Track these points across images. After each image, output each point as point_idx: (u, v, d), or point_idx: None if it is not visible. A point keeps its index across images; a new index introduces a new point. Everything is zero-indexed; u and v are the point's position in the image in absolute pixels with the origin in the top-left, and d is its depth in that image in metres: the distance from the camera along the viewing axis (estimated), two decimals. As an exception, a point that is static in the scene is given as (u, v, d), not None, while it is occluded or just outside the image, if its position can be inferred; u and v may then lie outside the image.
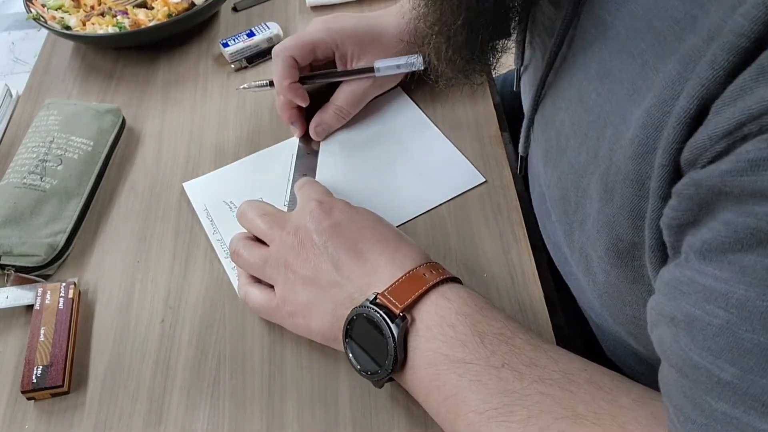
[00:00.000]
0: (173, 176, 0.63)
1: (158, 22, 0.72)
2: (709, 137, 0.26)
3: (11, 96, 0.72)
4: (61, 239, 0.56)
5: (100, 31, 0.72)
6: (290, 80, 0.60)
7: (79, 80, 0.74)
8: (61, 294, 0.52)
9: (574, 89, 0.39)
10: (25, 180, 0.58)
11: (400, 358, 0.42)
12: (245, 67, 0.72)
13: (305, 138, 0.63)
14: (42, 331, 0.50)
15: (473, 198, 0.57)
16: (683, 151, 0.28)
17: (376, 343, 0.42)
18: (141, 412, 0.47)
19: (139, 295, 0.54)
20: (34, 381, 0.48)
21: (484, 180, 0.58)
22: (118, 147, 0.66)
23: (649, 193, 0.31)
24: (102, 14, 0.75)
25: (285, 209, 0.58)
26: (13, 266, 0.54)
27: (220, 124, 0.67)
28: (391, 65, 0.60)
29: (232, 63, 0.72)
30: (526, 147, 0.51)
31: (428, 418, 0.45)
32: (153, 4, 0.75)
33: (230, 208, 0.59)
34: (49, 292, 0.52)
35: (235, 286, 0.53)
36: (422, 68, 0.60)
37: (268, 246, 0.49)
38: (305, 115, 0.63)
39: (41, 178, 0.58)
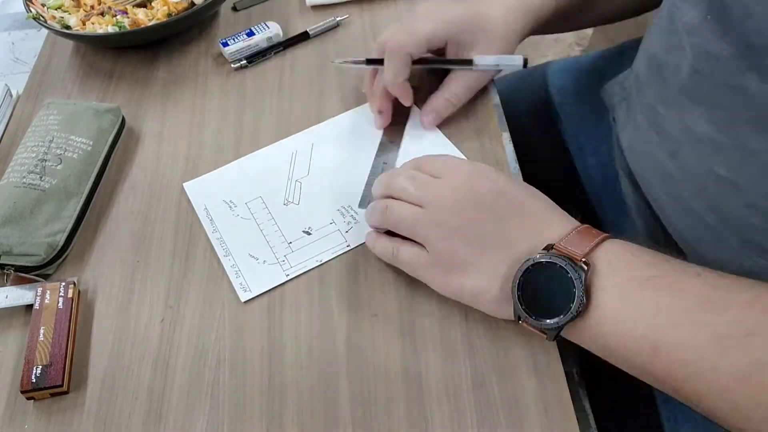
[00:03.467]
0: (173, 176, 0.62)
1: (158, 22, 0.72)
2: None
3: (11, 96, 0.72)
4: (61, 239, 0.56)
5: (100, 31, 0.72)
6: (403, 77, 0.60)
7: (79, 80, 0.74)
8: (61, 293, 0.52)
9: None
10: (24, 179, 0.58)
11: (584, 302, 0.41)
12: (245, 67, 0.72)
13: (389, 129, 0.64)
14: (41, 331, 0.50)
15: (473, 198, 0.57)
16: None
17: (555, 292, 0.42)
18: (141, 412, 0.47)
19: (139, 295, 0.54)
20: (34, 381, 0.48)
21: None
22: (118, 147, 0.65)
23: None
24: (102, 14, 0.75)
25: (285, 208, 0.58)
26: (12, 266, 0.54)
27: (219, 123, 0.67)
28: (490, 63, 0.61)
29: (231, 62, 0.72)
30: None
31: (428, 418, 0.45)
32: (153, 4, 0.75)
33: (230, 207, 0.59)
34: (48, 291, 0.52)
35: (235, 285, 0.53)
36: (522, 68, 0.61)
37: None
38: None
39: (41, 178, 0.58)
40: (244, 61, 0.72)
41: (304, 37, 0.74)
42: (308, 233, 0.56)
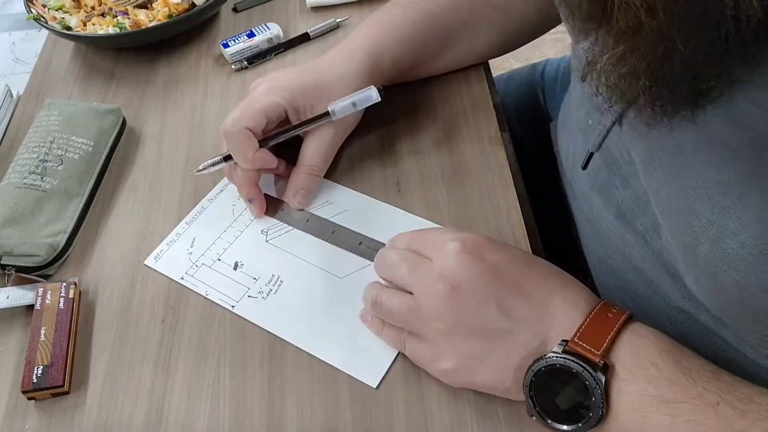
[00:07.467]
0: (173, 176, 0.63)
1: (158, 23, 0.72)
2: None
3: (12, 96, 0.72)
4: (62, 239, 0.56)
5: (101, 32, 0.72)
6: (253, 150, 0.55)
7: (80, 80, 0.74)
8: (62, 294, 0.52)
9: None
10: (25, 180, 0.58)
11: (605, 410, 0.39)
12: (245, 68, 0.72)
13: (271, 211, 0.58)
14: (42, 331, 0.50)
15: (473, 198, 0.57)
16: None
17: (571, 395, 0.40)
18: (141, 412, 0.48)
19: (139, 295, 0.54)
20: (35, 381, 0.48)
21: None
22: (119, 147, 0.66)
23: None
24: (102, 15, 0.75)
25: (259, 236, 0.56)
26: (13, 266, 0.54)
27: (220, 124, 0.67)
28: (346, 104, 0.56)
29: (232, 63, 0.72)
30: (601, 144, 0.46)
31: (428, 418, 0.45)
32: (153, 5, 0.75)
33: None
34: (49, 292, 0.53)
35: (160, 245, 0.55)
36: (379, 100, 0.56)
37: (412, 294, 0.45)
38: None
39: (42, 178, 0.58)
40: (245, 62, 0.72)
41: (304, 38, 0.74)
42: (235, 267, 0.55)
